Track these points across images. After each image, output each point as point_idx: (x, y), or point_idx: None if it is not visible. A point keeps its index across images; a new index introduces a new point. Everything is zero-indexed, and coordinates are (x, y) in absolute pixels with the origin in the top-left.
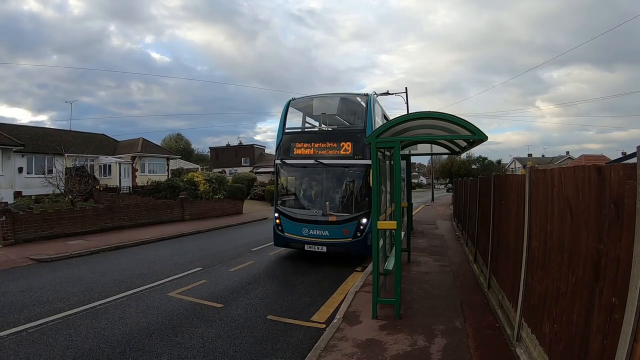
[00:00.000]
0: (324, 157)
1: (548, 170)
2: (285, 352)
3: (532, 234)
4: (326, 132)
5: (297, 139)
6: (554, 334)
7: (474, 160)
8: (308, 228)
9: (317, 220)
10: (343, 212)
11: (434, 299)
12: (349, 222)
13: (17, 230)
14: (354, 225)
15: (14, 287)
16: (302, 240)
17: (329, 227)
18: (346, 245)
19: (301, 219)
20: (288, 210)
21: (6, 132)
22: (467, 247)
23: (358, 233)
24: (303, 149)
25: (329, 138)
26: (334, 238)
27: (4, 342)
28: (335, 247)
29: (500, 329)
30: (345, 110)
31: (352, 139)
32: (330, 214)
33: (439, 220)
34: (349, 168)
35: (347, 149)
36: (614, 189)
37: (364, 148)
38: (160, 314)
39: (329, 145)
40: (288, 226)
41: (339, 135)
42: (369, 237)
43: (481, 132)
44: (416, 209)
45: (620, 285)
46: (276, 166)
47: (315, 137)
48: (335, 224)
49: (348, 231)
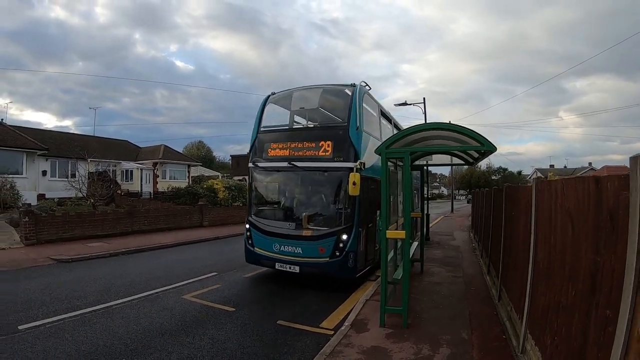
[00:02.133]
0: (300, 159)
1: (552, 181)
2: (292, 356)
3: (537, 245)
4: (303, 130)
5: (272, 139)
6: (554, 347)
7: (494, 171)
8: (279, 243)
9: (289, 234)
10: (319, 225)
11: (443, 309)
12: (325, 237)
13: (39, 231)
14: (332, 242)
15: (34, 285)
16: (272, 258)
17: (302, 244)
18: (322, 266)
19: (272, 233)
20: (259, 221)
21: (31, 137)
22: (482, 258)
23: (337, 252)
24: (278, 150)
25: (307, 137)
26: (307, 257)
27: (22, 335)
28: (309, 268)
29: (507, 341)
30: (330, 104)
31: (333, 137)
32: (305, 227)
33: (456, 231)
34: (328, 172)
35: (326, 149)
36: (610, 200)
37: (347, 148)
38: (174, 315)
39: (306, 145)
40: (258, 240)
41: (317, 133)
42: (351, 257)
43: (490, 143)
44: (435, 219)
45: (614, 299)
46: (249, 169)
47: (291, 136)
48: (310, 240)
49: (324, 249)
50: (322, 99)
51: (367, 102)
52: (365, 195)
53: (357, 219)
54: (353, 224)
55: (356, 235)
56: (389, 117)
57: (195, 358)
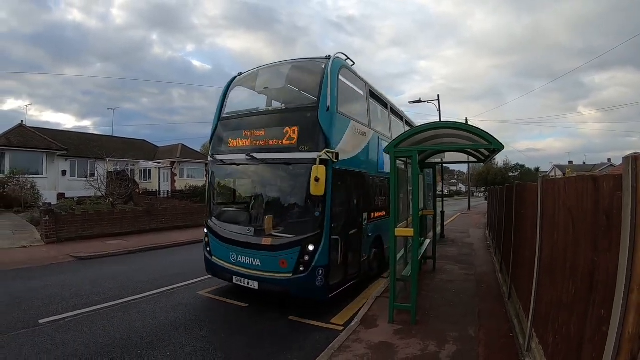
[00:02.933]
0: (261, 149)
1: (556, 180)
2: (301, 351)
3: (543, 244)
4: (266, 115)
5: (232, 127)
6: (555, 345)
7: (511, 167)
8: (236, 253)
9: (248, 242)
10: (282, 232)
11: (453, 306)
12: (287, 248)
13: (59, 230)
14: (295, 254)
15: (54, 281)
16: (229, 270)
17: (262, 254)
18: (283, 283)
19: (228, 240)
20: (217, 225)
21: (51, 137)
22: (495, 256)
23: (301, 266)
24: (239, 140)
25: (270, 122)
26: (267, 271)
27: (43, 328)
28: (269, 285)
29: (514, 339)
30: (300, 82)
31: (300, 121)
32: (265, 234)
33: (472, 228)
34: (293, 165)
35: (291, 136)
36: (605, 199)
37: (315, 134)
38: (188, 310)
39: (268, 132)
40: (216, 248)
41: (282, 118)
42: (319, 273)
43: (497, 142)
44: (451, 217)
45: (608, 298)
46: (209, 164)
47: (252, 123)
48: (270, 250)
49: (286, 262)
50: (291, 76)
51: (347, 78)
52: (344, 194)
53: (328, 224)
54: (322, 232)
55: (327, 245)
56: (383, 101)
57: (207, 351)
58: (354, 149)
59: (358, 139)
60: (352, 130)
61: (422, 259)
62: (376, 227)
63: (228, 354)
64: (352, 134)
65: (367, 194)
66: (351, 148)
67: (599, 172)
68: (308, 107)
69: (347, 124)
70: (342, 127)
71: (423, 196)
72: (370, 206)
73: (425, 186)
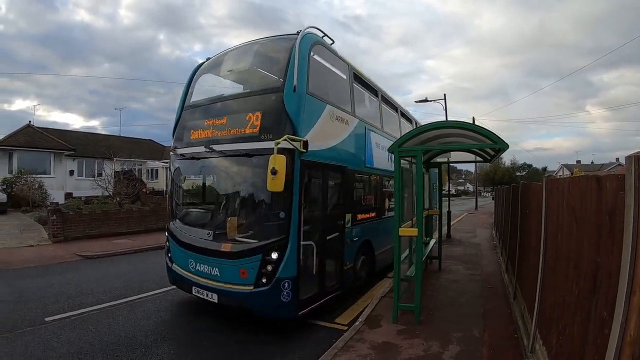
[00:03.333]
0: (223, 140)
1: (560, 180)
2: (304, 350)
3: (547, 244)
4: (228, 101)
5: (194, 116)
6: (558, 347)
7: (518, 167)
8: (195, 260)
9: (206, 247)
10: (245, 236)
11: (457, 307)
12: (248, 255)
13: (66, 229)
14: (257, 263)
15: (61, 280)
16: (188, 279)
17: (220, 262)
18: (244, 297)
19: (187, 244)
20: (177, 228)
21: (58, 137)
22: (501, 256)
23: (263, 278)
24: (201, 131)
25: (232, 109)
26: (226, 282)
27: (48, 326)
28: (229, 299)
29: (518, 340)
30: (268, 63)
31: (263, 105)
32: (226, 238)
33: (479, 228)
34: (255, 157)
35: (254, 123)
36: (609, 200)
37: (279, 119)
38: (194, 307)
39: (230, 121)
40: (176, 254)
41: (244, 103)
42: (285, 286)
43: (502, 141)
44: (458, 217)
45: (610, 299)
46: (171, 158)
47: (216, 111)
48: (229, 258)
49: (246, 273)
50: (257, 57)
51: (324, 57)
52: (319, 192)
53: (296, 228)
54: (288, 237)
55: (295, 253)
56: (372, 87)
57: (210, 348)
58: (331, 138)
59: (337, 127)
60: (329, 116)
61: (428, 259)
62: (364, 231)
63: (230, 354)
64: (329, 121)
65: (350, 192)
66: (327, 137)
67: (607, 171)
68: (273, 88)
69: (322, 109)
70: (314, 111)
71: (428, 196)
72: (355, 206)
73: (430, 186)
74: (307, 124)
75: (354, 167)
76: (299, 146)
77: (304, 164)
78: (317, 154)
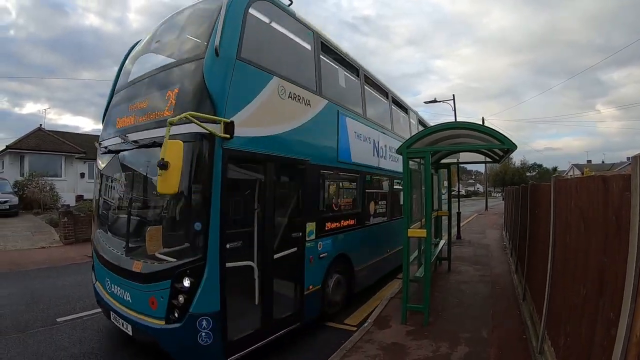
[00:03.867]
0: (140, 127)
1: (568, 180)
2: (313, 351)
3: (556, 245)
4: (147, 78)
5: (121, 101)
6: (566, 348)
7: (528, 167)
8: (110, 279)
9: (118, 265)
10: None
11: (466, 307)
12: (156, 281)
13: (77, 231)
14: (166, 291)
15: (72, 281)
16: (106, 302)
17: (131, 286)
18: (157, 334)
19: (103, 259)
20: (98, 238)
21: (69, 141)
22: (511, 257)
23: (174, 311)
24: (125, 118)
25: (152, 88)
26: (137, 311)
27: (60, 326)
28: (142, 333)
29: (527, 342)
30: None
31: (182, 79)
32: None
33: (489, 229)
34: None
35: (172, 103)
36: (615, 200)
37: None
38: None
39: (150, 102)
40: (97, 269)
41: (165, 79)
42: (204, 325)
43: (510, 141)
44: (468, 217)
45: (617, 300)
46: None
47: (137, 92)
48: (138, 281)
49: (156, 302)
50: (187, 24)
51: (271, 16)
52: (262, 194)
53: (216, 245)
54: (205, 257)
55: (215, 279)
56: (349, 63)
57: None
58: (281, 122)
59: (292, 108)
60: (278, 93)
61: (437, 260)
62: (337, 243)
63: None
64: (278, 99)
65: (315, 194)
66: (275, 120)
67: (618, 171)
68: (195, 56)
69: (265, 82)
70: (251, 84)
71: (438, 197)
72: (323, 213)
73: (439, 187)
74: (237, 100)
75: (320, 162)
76: (216, 130)
77: (230, 156)
78: (256, 142)
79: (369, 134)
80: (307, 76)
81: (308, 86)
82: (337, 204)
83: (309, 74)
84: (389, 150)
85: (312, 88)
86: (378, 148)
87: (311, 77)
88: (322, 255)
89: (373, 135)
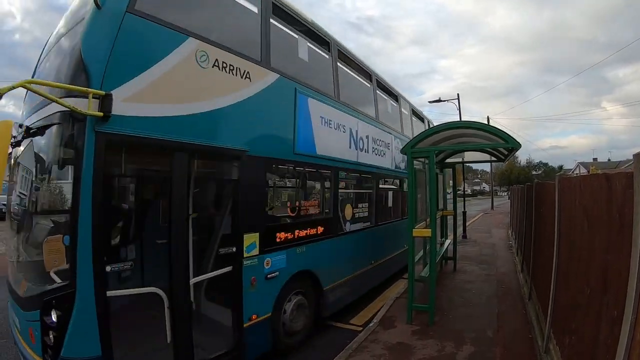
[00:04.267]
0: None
1: (573, 178)
2: (318, 350)
3: (561, 243)
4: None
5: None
6: (571, 347)
7: (534, 166)
8: (9, 300)
9: (9, 281)
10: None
11: (472, 307)
12: (31, 309)
13: None
14: (37, 322)
15: None
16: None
17: (18, 311)
18: None
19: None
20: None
21: None
22: (517, 256)
23: (48, 352)
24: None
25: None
26: (25, 342)
27: None
28: None
29: (532, 341)
30: None
31: (67, 44)
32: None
33: (494, 228)
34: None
35: (59, 76)
36: (618, 198)
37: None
38: None
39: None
40: None
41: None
42: None
43: (514, 140)
44: (474, 217)
45: (620, 299)
46: None
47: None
48: (20, 306)
49: (33, 336)
50: None
51: None
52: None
53: (89, 266)
54: (75, 283)
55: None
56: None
57: None
58: (202, 97)
59: (219, 80)
60: (195, 58)
61: (443, 260)
62: (295, 259)
63: None
64: (196, 67)
65: (259, 196)
66: (192, 96)
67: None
68: (80, 17)
69: (176, 43)
70: (151, 44)
71: (443, 196)
72: (272, 221)
73: (444, 186)
74: (124, 66)
75: (265, 153)
76: (82, 106)
77: (111, 142)
78: (158, 123)
79: (343, 121)
80: (249, 42)
81: (248, 54)
82: (295, 209)
83: (252, 38)
84: (373, 143)
85: (254, 57)
86: (357, 139)
87: (255, 43)
88: (272, 275)
89: (349, 123)
